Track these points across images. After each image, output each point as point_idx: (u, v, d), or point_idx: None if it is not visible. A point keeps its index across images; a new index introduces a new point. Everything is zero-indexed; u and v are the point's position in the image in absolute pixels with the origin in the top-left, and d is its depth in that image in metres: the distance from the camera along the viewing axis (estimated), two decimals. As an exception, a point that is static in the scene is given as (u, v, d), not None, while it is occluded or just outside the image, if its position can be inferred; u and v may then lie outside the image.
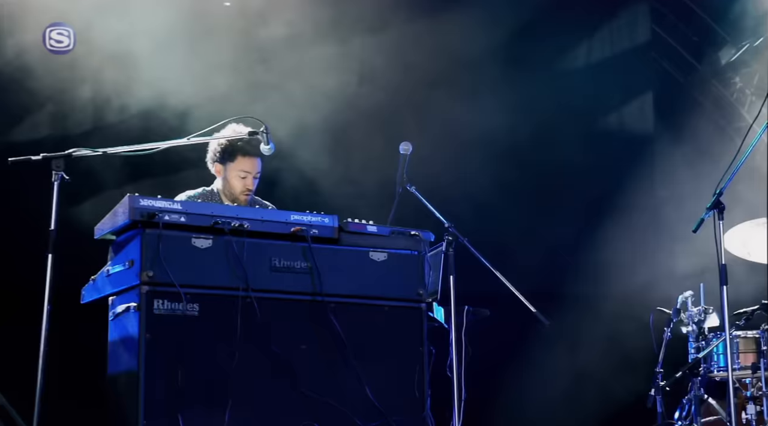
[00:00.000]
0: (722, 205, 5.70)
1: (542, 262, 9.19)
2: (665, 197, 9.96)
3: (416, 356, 5.08)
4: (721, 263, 5.62)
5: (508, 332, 8.12)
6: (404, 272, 5.15)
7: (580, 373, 9.08)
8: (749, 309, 6.55)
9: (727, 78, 10.24)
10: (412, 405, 4.99)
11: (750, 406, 6.42)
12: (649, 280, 8.92)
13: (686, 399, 6.51)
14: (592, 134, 9.67)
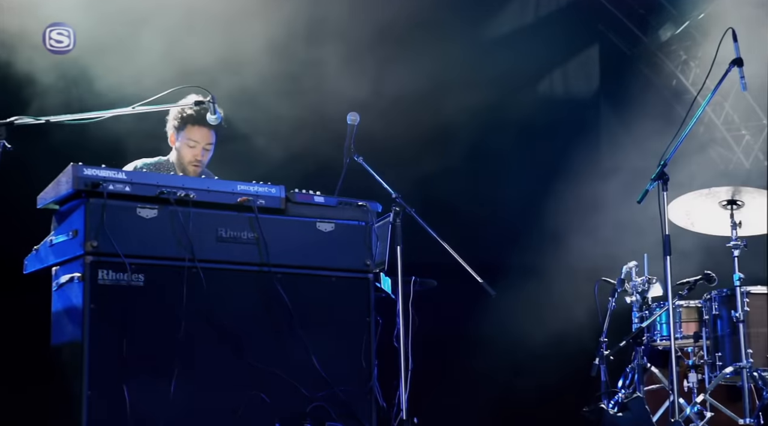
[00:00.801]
0: (666, 176, 5.75)
1: (490, 233, 9.23)
2: (611, 168, 10.03)
3: (363, 326, 5.09)
4: (665, 234, 5.68)
5: (455, 303, 8.16)
6: (351, 243, 5.15)
7: (526, 343, 9.14)
8: (692, 279, 6.62)
9: (672, 50, 10.32)
10: (358, 375, 5.01)
11: (691, 374, 6.51)
12: (595, 250, 8.99)
13: (629, 368, 6.59)
14: (537, 107, 9.71)
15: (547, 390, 8.86)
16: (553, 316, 9.10)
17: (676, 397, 5.66)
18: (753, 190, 6.19)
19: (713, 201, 6.21)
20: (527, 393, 8.88)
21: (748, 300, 6.18)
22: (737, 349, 6.05)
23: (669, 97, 10.46)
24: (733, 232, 6.12)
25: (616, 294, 6.77)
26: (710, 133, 10.62)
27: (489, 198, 9.52)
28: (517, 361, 9.00)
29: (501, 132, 9.34)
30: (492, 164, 9.41)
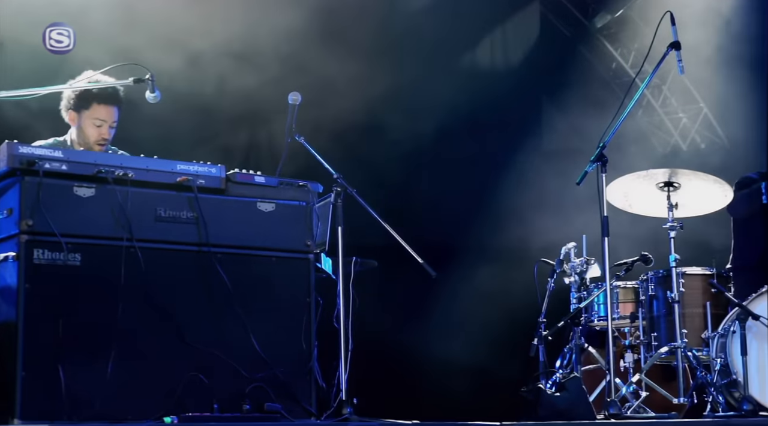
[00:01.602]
0: (605, 158, 5.81)
1: (432, 214, 9.26)
2: (550, 150, 10.11)
3: (303, 307, 5.08)
4: (603, 215, 5.74)
5: (397, 283, 8.18)
6: (292, 223, 5.13)
7: (466, 323, 9.20)
8: (629, 260, 6.70)
9: (612, 33, 10.40)
10: (298, 356, 5.00)
11: (628, 354, 6.60)
12: (534, 231, 9.06)
13: (567, 348, 6.65)
14: (479, 90, 9.74)
15: (486, 370, 8.92)
16: (493, 297, 9.16)
17: (613, 376, 5.74)
18: (689, 172, 6.26)
19: (651, 183, 6.27)
20: (466, 373, 8.93)
21: (684, 281, 6.26)
22: (672, 329, 6.13)
23: (609, 79, 10.55)
24: (670, 213, 6.19)
25: (555, 275, 6.82)
26: (648, 116, 10.74)
27: (431, 179, 9.55)
28: (457, 342, 9.05)
29: (446, 115, 9.36)
30: (435, 147, 9.43)
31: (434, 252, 6.24)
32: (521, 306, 7.64)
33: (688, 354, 6.07)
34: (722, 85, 9.79)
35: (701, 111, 10.53)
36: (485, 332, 9.11)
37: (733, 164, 8.74)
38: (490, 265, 9.22)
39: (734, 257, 7.02)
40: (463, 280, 9.09)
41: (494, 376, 8.72)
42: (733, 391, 5.74)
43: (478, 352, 9.03)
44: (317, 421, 4.94)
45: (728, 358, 5.74)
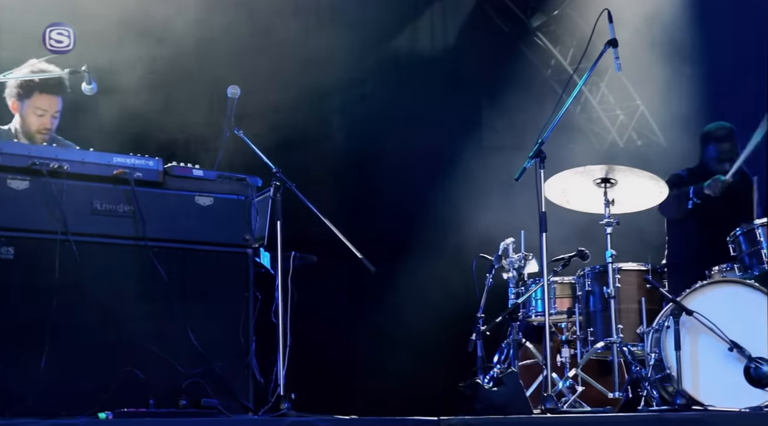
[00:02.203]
0: (543, 154, 5.85)
1: (373, 210, 9.26)
2: (490, 146, 10.15)
3: (242, 302, 5.06)
4: (541, 211, 5.77)
5: (335, 278, 8.16)
6: (231, 217, 5.10)
7: (405, 318, 9.21)
8: (566, 255, 6.75)
9: (551, 30, 10.47)
10: (236, 351, 4.98)
11: (564, 349, 6.65)
12: (473, 227, 9.10)
13: (505, 343, 6.69)
14: (421, 88, 9.75)
15: (424, 365, 8.94)
16: (432, 292, 9.18)
17: (549, 371, 5.78)
18: (626, 168, 6.32)
19: (588, 179, 6.32)
20: (404, 367, 8.95)
21: (620, 276, 6.32)
22: (608, 324, 6.19)
23: (547, 76, 10.61)
24: (607, 209, 6.25)
25: (493, 270, 6.86)
26: (586, 113, 10.83)
27: (372, 175, 9.54)
28: (396, 337, 9.05)
29: (385, 113, 9.36)
30: (375, 142, 9.43)
31: (374, 247, 6.24)
32: (460, 301, 7.68)
33: (624, 349, 6.14)
34: (659, 83, 9.89)
35: (638, 108, 10.64)
36: (424, 327, 9.12)
37: (669, 161, 8.83)
38: (429, 261, 9.24)
39: (669, 254, 7.12)
40: (403, 275, 9.09)
41: (432, 371, 8.74)
42: (667, 386, 5.82)
43: (416, 347, 9.04)
44: (254, 417, 4.92)
45: (662, 353, 5.81)
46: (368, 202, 9.33)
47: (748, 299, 5.86)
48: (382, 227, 9.24)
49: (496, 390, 5.54)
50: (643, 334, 6.14)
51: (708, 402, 5.63)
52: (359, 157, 9.39)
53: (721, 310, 5.81)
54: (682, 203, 6.81)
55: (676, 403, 5.53)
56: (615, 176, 6.28)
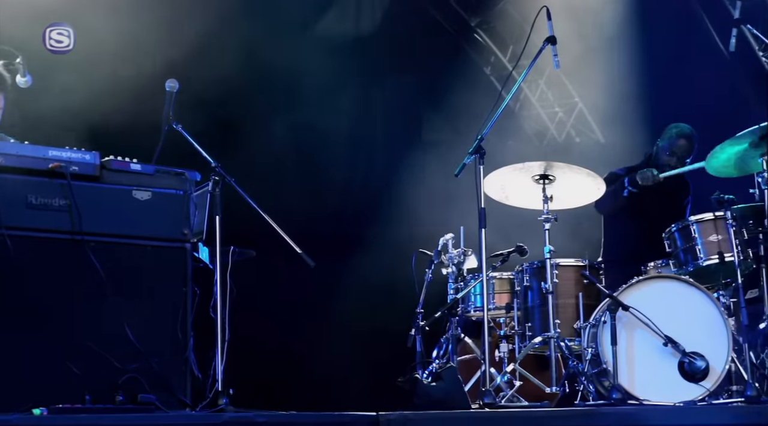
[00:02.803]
0: (483, 150, 5.88)
1: (312, 205, 9.24)
2: (430, 142, 10.18)
3: (180, 297, 5.03)
4: (481, 206, 5.80)
5: (275, 274, 8.14)
6: (169, 211, 5.07)
7: (344, 313, 9.21)
8: (505, 251, 6.79)
9: (491, 28, 10.52)
10: (174, 346, 4.95)
11: (503, 344, 6.68)
12: (413, 222, 9.13)
13: (444, 338, 6.70)
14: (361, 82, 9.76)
15: (364, 360, 8.95)
16: (371, 287, 9.20)
17: (488, 366, 5.81)
18: (564, 165, 6.37)
19: (526, 175, 6.36)
20: (344, 363, 8.95)
21: (558, 272, 6.36)
22: (546, 319, 6.23)
23: (488, 73, 10.67)
24: (545, 205, 6.29)
25: (432, 266, 6.87)
26: (526, 110, 10.90)
27: (312, 169, 9.51)
28: (335, 332, 9.05)
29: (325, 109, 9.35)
30: (314, 137, 9.41)
31: (313, 242, 6.23)
32: (399, 296, 7.69)
33: (561, 344, 6.19)
34: (597, 81, 9.99)
35: (576, 106, 10.73)
36: (363, 322, 9.13)
37: (606, 158, 8.93)
38: (369, 256, 9.25)
39: (605, 250, 7.19)
40: (342, 270, 9.10)
41: (371, 366, 8.75)
42: (603, 380, 5.87)
43: (355, 342, 9.05)
44: (192, 412, 4.89)
45: (599, 348, 5.87)
46: (308, 197, 9.31)
47: (683, 295, 5.94)
48: (322, 222, 9.23)
49: (434, 385, 5.57)
50: (580, 330, 6.20)
51: (643, 396, 5.69)
52: (299, 152, 9.36)
53: (656, 306, 5.87)
54: (618, 194, 6.88)
55: (612, 398, 5.59)
56: (553, 173, 6.33)
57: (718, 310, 5.84)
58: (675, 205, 7.10)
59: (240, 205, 5.71)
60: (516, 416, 5.26)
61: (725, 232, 6.07)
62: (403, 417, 4.74)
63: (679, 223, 6.29)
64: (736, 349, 5.82)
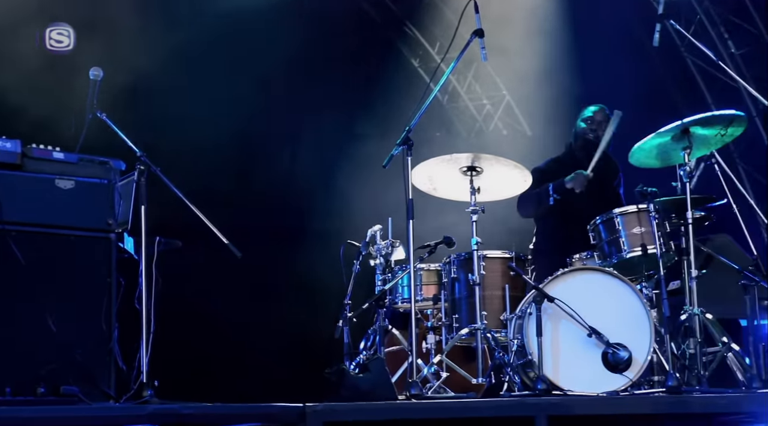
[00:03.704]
0: (411, 142, 5.89)
1: (242, 195, 9.19)
2: (359, 133, 10.18)
3: (104, 288, 4.97)
4: (408, 198, 5.81)
5: (201, 264, 8.07)
6: (93, 201, 5.01)
7: (273, 304, 9.18)
8: (433, 242, 6.81)
9: (419, 19, 10.55)
10: (98, 337, 4.90)
11: (430, 335, 6.71)
12: (341, 213, 9.12)
13: (371, 329, 6.72)
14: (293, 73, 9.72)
15: (291, 351, 8.93)
16: (299, 279, 9.18)
17: (415, 358, 5.83)
18: (491, 157, 6.40)
19: (454, 167, 6.38)
20: (271, 354, 8.92)
21: (485, 263, 6.40)
22: (473, 311, 6.26)
23: (417, 65, 10.70)
24: (472, 197, 6.32)
25: (360, 257, 6.88)
26: (454, 102, 10.95)
27: (241, 160, 9.46)
28: (262, 323, 9.02)
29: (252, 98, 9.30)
30: (243, 127, 9.36)
31: (242, 233, 6.20)
32: (327, 287, 7.68)
33: (487, 335, 6.23)
34: (524, 74, 10.07)
35: (504, 98, 10.81)
36: (291, 314, 9.11)
37: (533, 151, 9.01)
38: (297, 247, 9.23)
39: (535, 241, 7.24)
40: (270, 261, 9.06)
41: (298, 357, 8.74)
42: (529, 371, 5.92)
43: (283, 334, 9.03)
44: (116, 404, 4.84)
45: (524, 339, 5.91)
46: (236, 187, 9.26)
47: (607, 286, 6.00)
48: (250, 214, 9.18)
49: (361, 376, 5.57)
50: (507, 321, 6.24)
51: (567, 387, 5.75)
52: (227, 144, 9.30)
53: (581, 297, 5.93)
54: (542, 201, 6.91)
55: (537, 388, 5.63)
56: (481, 165, 6.36)
57: (641, 302, 5.92)
58: (604, 192, 7.13)
59: (167, 195, 5.65)
60: (442, 407, 5.28)
61: (648, 225, 6.15)
62: (329, 408, 4.74)
63: (604, 216, 6.36)
64: (657, 340, 5.90)
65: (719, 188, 6.54)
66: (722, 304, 6.83)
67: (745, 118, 6.30)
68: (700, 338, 6.02)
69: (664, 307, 5.86)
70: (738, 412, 5.36)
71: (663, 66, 10.40)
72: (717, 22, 10.22)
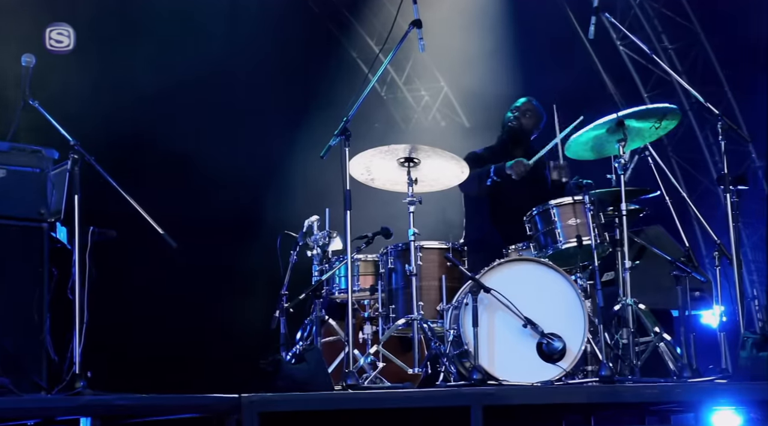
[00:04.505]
0: (348, 132, 5.89)
1: (178, 185, 9.13)
2: (298, 123, 10.15)
3: (36, 278, 4.92)
4: (346, 189, 5.81)
5: (136, 255, 8.00)
6: (24, 190, 4.95)
7: (209, 294, 9.13)
8: (370, 233, 6.82)
9: (358, 10, 10.54)
10: (29, 327, 4.84)
11: (367, 326, 6.72)
12: (278, 204, 9.09)
13: (308, 320, 6.70)
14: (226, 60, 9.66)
15: (227, 342, 8.89)
16: (236, 269, 9.13)
17: (351, 348, 5.83)
18: (429, 148, 6.41)
19: (392, 158, 6.38)
20: (206, 344, 8.88)
21: (422, 254, 6.42)
22: (410, 301, 6.28)
23: (355, 56, 10.69)
24: (410, 188, 6.33)
25: (297, 247, 6.86)
26: (392, 93, 10.96)
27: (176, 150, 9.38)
28: (198, 314, 8.96)
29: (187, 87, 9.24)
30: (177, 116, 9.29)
31: (178, 223, 6.15)
32: (264, 278, 7.66)
33: (424, 326, 6.25)
34: (463, 66, 10.11)
35: (442, 90, 10.84)
36: (227, 304, 9.07)
37: (471, 142, 9.04)
38: (233, 237, 9.18)
39: (467, 233, 7.28)
40: (207, 251, 9.00)
41: (235, 348, 8.70)
42: (464, 361, 5.96)
43: (219, 324, 8.98)
44: (48, 396, 4.78)
45: (461, 330, 5.94)
46: (172, 179, 9.19)
47: (542, 277, 6.05)
48: (187, 204, 9.12)
49: (297, 366, 5.56)
50: (443, 311, 6.27)
51: (503, 377, 5.79)
52: (165, 133, 9.22)
53: (517, 288, 5.97)
54: (482, 181, 6.97)
55: (473, 378, 5.67)
56: (418, 156, 6.37)
57: (576, 293, 5.98)
58: (537, 188, 7.20)
59: (101, 185, 5.58)
60: (378, 397, 5.29)
61: (583, 216, 6.22)
62: (265, 399, 4.73)
63: (540, 207, 6.41)
64: (591, 330, 5.97)
65: (653, 180, 6.63)
66: (655, 294, 6.93)
67: (678, 112, 6.39)
68: (633, 328, 6.09)
69: (598, 298, 5.93)
70: (669, 401, 5.45)
71: (599, 59, 10.51)
72: (651, 16, 10.36)
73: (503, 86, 9.61)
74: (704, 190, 10.62)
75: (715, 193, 10.24)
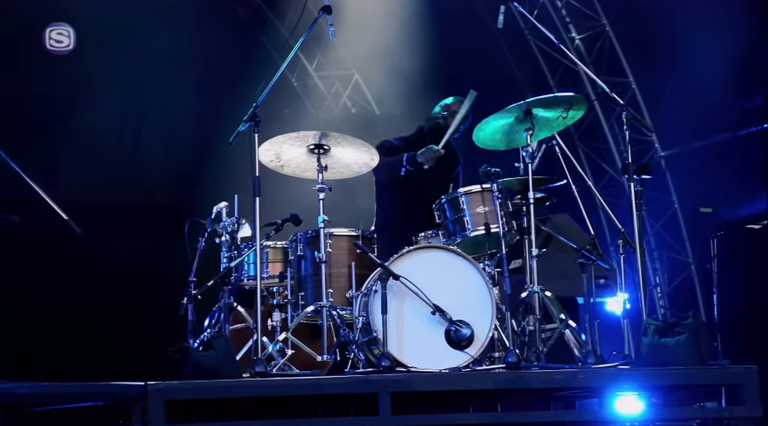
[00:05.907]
0: (258, 118, 5.86)
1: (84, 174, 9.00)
2: (209, 110, 10.07)
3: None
4: (255, 175, 5.78)
5: (41, 240, 7.88)
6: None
7: (118, 282, 9.02)
8: (279, 220, 6.79)
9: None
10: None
11: (276, 313, 6.69)
12: (186, 190, 9.01)
13: (216, 307, 6.65)
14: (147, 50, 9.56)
15: (133, 329, 8.80)
16: (144, 255, 9.04)
17: (260, 335, 5.81)
18: (339, 136, 6.40)
19: (302, 145, 6.36)
20: (112, 332, 8.78)
21: (331, 241, 6.41)
22: (319, 288, 6.27)
23: (265, 41, 10.63)
24: (320, 175, 6.31)
25: (206, 234, 6.80)
26: (303, 80, 10.93)
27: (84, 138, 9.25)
28: (103, 300, 8.85)
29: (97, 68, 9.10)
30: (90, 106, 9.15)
31: (85, 210, 6.07)
32: (171, 265, 7.58)
33: (333, 313, 6.25)
34: (375, 53, 10.11)
35: (353, 77, 10.84)
36: (134, 291, 8.97)
37: (381, 130, 9.07)
38: (141, 223, 9.08)
39: (377, 219, 7.30)
40: (113, 236, 8.89)
41: (141, 335, 8.61)
42: (373, 348, 5.97)
43: (125, 311, 8.88)
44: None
45: (370, 317, 5.95)
46: (81, 164, 9.05)
47: (451, 265, 6.09)
48: (94, 189, 9.00)
49: (205, 354, 5.52)
50: (352, 299, 6.28)
51: (411, 364, 5.82)
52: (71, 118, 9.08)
53: (425, 275, 6.00)
54: (395, 170, 6.98)
55: (381, 365, 5.69)
56: (328, 143, 6.36)
57: (484, 280, 6.03)
58: (446, 176, 7.27)
59: (3, 170, 5.47)
60: (287, 384, 5.29)
61: (491, 205, 6.27)
62: (171, 386, 4.69)
63: (449, 195, 6.46)
64: (499, 317, 6.03)
65: (560, 169, 6.72)
66: (561, 282, 7.04)
67: (585, 101, 6.48)
68: (540, 315, 6.18)
69: (506, 285, 5.99)
70: (574, 387, 5.54)
71: (508, 48, 10.61)
72: (559, 7, 10.49)
73: (414, 74, 9.65)
74: (609, 180, 10.81)
75: (620, 182, 10.45)
